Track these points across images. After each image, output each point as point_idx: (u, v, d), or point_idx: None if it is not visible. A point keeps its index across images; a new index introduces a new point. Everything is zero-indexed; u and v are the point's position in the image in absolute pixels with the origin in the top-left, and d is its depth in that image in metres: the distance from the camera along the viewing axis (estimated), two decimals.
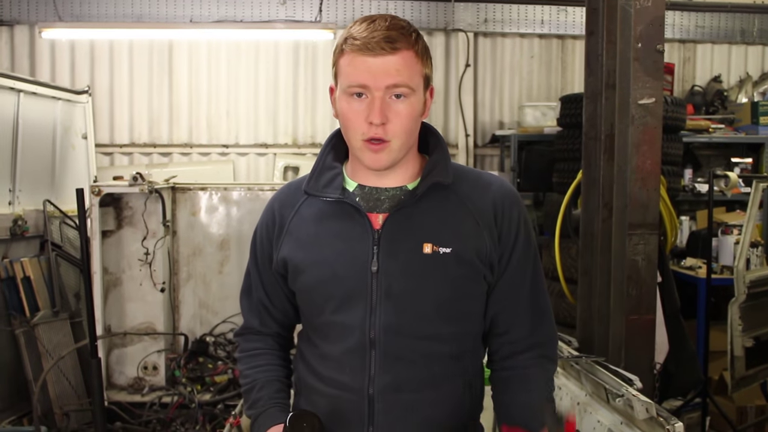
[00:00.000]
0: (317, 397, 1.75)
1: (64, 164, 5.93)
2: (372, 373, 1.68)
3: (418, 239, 1.66)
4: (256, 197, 5.09)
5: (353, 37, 1.60)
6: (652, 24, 3.41)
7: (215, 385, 4.76)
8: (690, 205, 6.53)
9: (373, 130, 1.60)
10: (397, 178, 1.72)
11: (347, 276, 1.67)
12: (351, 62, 1.61)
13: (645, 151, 3.42)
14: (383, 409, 1.69)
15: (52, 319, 4.99)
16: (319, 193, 1.72)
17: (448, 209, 1.70)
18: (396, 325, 1.67)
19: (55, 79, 6.58)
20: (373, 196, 1.71)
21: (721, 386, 5.11)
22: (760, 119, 6.38)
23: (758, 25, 7.25)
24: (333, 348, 1.71)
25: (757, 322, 4.54)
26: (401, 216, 1.68)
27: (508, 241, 1.73)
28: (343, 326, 1.69)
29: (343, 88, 1.64)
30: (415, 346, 1.68)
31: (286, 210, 1.77)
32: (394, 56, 1.58)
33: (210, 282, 5.09)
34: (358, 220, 1.68)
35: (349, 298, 1.68)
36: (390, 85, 1.59)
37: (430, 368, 1.70)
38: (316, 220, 1.72)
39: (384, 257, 1.66)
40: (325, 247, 1.69)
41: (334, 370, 1.71)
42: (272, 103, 6.88)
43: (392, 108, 1.60)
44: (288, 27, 6.54)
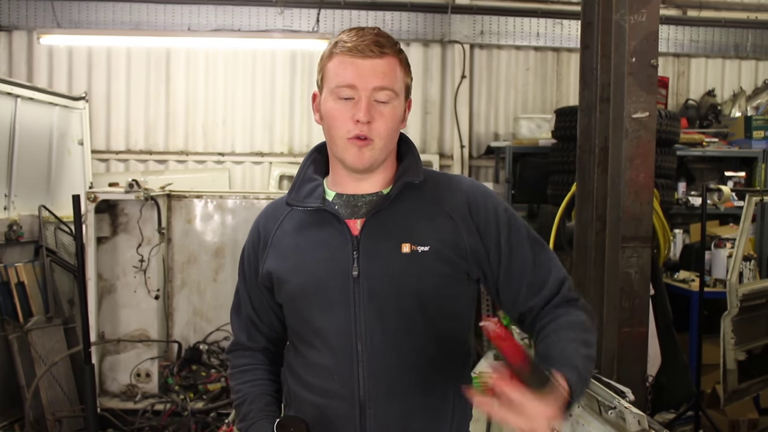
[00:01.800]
0: (307, 407, 1.76)
1: (59, 170, 5.93)
2: (361, 380, 1.69)
3: (396, 240, 1.69)
4: (251, 205, 5.10)
5: (343, 41, 1.67)
6: (646, 39, 3.44)
7: (208, 393, 4.75)
8: (683, 218, 6.57)
9: (358, 128, 1.64)
10: (374, 184, 1.75)
11: (329, 283, 1.70)
12: (340, 63, 1.67)
13: (638, 165, 3.45)
14: (375, 415, 1.69)
15: (45, 324, 4.99)
16: (300, 204, 1.76)
17: (422, 209, 1.73)
18: (381, 328, 1.68)
19: (53, 85, 6.59)
20: (350, 203, 1.74)
21: (713, 399, 5.12)
22: (753, 133, 6.43)
23: (752, 39, 7.31)
24: (320, 356, 1.73)
25: (749, 336, 4.56)
26: (378, 219, 1.70)
27: (490, 232, 1.73)
28: (328, 333, 1.71)
29: (331, 89, 1.68)
30: (401, 348, 1.69)
31: (269, 225, 1.81)
32: (381, 60, 1.66)
33: (204, 290, 5.09)
34: (337, 227, 1.71)
35: (332, 304, 1.70)
36: (377, 87, 1.65)
37: (418, 372, 1.71)
38: (297, 231, 1.76)
39: (364, 261, 1.68)
40: (306, 255, 1.73)
41: (323, 378, 1.72)
42: (269, 112, 6.90)
43: (377, 109, 1.66)
44: (285, 36, 6.57)
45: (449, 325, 1.76)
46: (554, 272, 1.75)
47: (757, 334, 4.64)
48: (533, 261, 1.74)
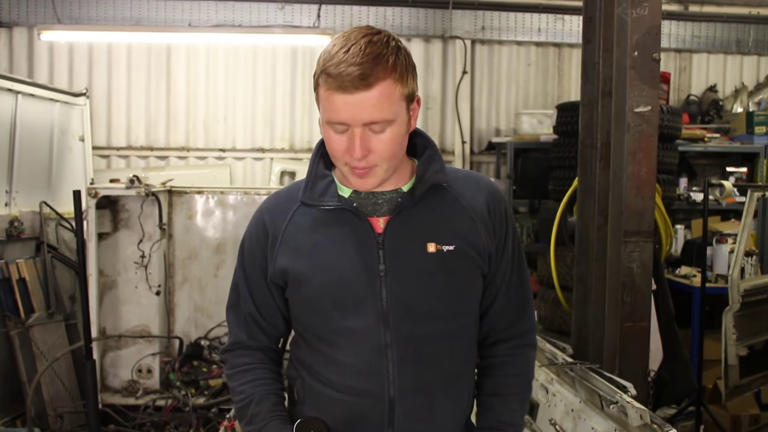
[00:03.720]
0: (329, 404, 1.73)
1: (60, 166, 5.93)
2: (391, 377, 1.68)
3: (422, 239, 1.68)
4: (252, 201, 5.09)
5: (328, 74, 1.55)
6: (648, 33, 3.43)
7: (209, 389, 4.75)
8: (685, 213, 6.56)
9: (355, 162, 1.60)
10: (391, 182, 1.72)
11: (355, 282, 1.67)
12: (328, 98, 1.57)
13: (640, 159, 3.43)
14: (404, 412, 1.69)
15: (46, 320, 4.99)
16: (317, 202, 1.71)
17: (445, 208, 1.72)
18: (410, 326, 1.67)
19: (53, 81, 6.59)
20: (370, 201, 1.71)
21: (715, 395, 5.12)
22: (755, 129, 6.42)
23: (754, 35, 7.30)
24: (345, 355, 1.70)
25: (751, 331, 4.55)
26: (402, 218, 1.69)
27: (501, 234, 1.77)
28: (354, 332, 1.68)
29: (324, 119, 1.61)
30: (429, 345, 1.70)
31: (277, 220, 1.75)
32: (369, 92, 1.54)
33: (205, 286, 5.09)
34: (359, 226, 1.69)
35: (358, 303, 1.67)
36: (367, 122, 1.57)
37: (446, 367, 1.73)
38: (314, 228, 1.71)
39: (390, 260, 1.67)
40: (328, 254, 1.69)
41: (350, 376, 1.70)
42: (269, 108, 6.89)
43: (373, 139, 1.59)
44: (286, 32, 6.56)
45: (468, 320, 1.78)
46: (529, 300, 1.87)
47: (759, 329, 4.63)
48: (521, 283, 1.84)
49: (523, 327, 1.86)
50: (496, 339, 1.85)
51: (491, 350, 1.85)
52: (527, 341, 1.87)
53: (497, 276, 1.79)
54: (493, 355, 1.85)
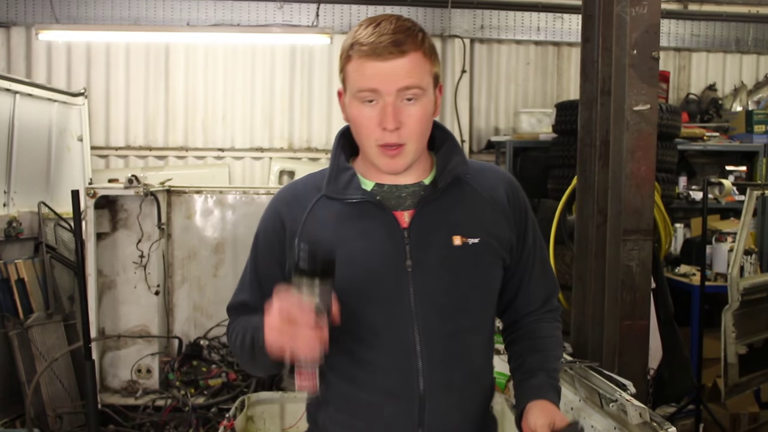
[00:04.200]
0: (357, 405, 1.70)
1: (59, 166, 5.92)
2: (420, 374, 1.65)
3: (447, 232, 1.67)
4: (251, 201, 5.09)
5: (360, 43, 1.57)
6: (647, 31, 3.42)
7: (209, 389, 4.74)
8: (684, 212, 6.56)
9: (387, 136, 1.58)
10: (413, 175, 1.70)
11: (382, 276, 1.65)
12: (359, 68, 1.58)
13: (640, 157, 3.43)
14: (434, 409, 1.66)
15: (45, 321, 4.98)
16: (341, 195, 1.68)
17: (468, 200, 1.72)
18: (438, 321, 1.65)
19: (52, 81, 6.58)
20: (394, 194, 1.69)
21: (714, 393, 5.13)
22: (754, 128, 6.42)
23: (753, 34, 7.30)
24: (373, 353, 1.67)
25: (750, 330, 4.55)
26: (427, 211, 1.67)
27: (521, 224, 1.77)
28: (382, 328, 1.65)
29: (353, 94, 1.60)
30: (458, 340, 1.68)
31: (296, 213, 1.71)
32: (402, 59, 1.56)
33: (204, 285, 5.08)
34: (384, 219, 1.66)
35: (386, 299, 1.65)
36: (401, 88, 1.57)
37: (473, 361, 1.72)
38: (337, 222, 1.68)
39: (417, 254, 1.65)
40: (353, 248, 1.64)
41: (378, 375, 1.67)
42: (268, 107, 6.89)
43: (405, 111, 1.58)
44: (285, 31, 6.55)
45: (491, 313, 1.78)
46: (553, 283, 1.90)
47: (758, 327, 4.64)
48: (544, 268, 1.85)
49: (549, 307, 1.87)
50: (523, 317, 1.86)
51: (519, 324, 1.86)
52: (554, 317, 1.88)
53: (520, 266, 1.79)
54: (523, 326, 1.85)
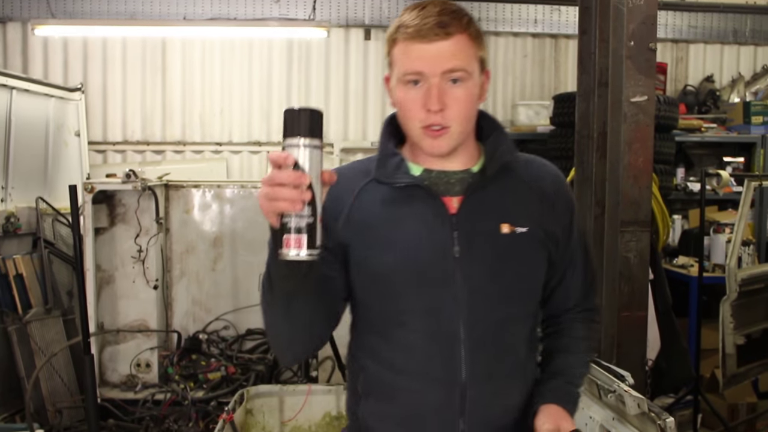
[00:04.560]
0: (397, 394, 1.68)
1: (56, 162, 5.92)
2: (463, 362, 1.63)
3: (496, 220, 1.66)
4: (249, 195, 5.09)
5: (405, 25, 1.58)
6: (644, 22, 3.42)
7: (208, 383, 4.75)
8: (682, 204, 6.56)
9: (431, 117, 1.58)
10: (461, 162, 1.70)
11: (428, 261, 1.63)
12: (405, 50, 1.59)
13: (637, 149, 3.44)
14: (475, 398, 1.65)
15: (44, 316, 4.99)
16: (390, 180, 1.67)
17: (516, 189, 1.71)
18: (483, 309, 1.64)
19: (48, 76, 6.56)
20: (442, 180, 1.68)
21: (712, 384, 5.14)
22: (751, 119, 6.42)
23: (750, 25, 7.29)
24: (415, 338, 1.65)
25: (748, 320, 4.56)
26: (475, 198, 1.66)
27: (566, 217, 1.77)
28: (426, 314, 1.64)
29: (399, 77, 1.61)
30: (501, 329, 1.67)
31: (344, 195, 1.67)
32: (447, 41, 1.56)
33: (203, 279, 5.09)
34: (432, 204, 1.65)
35: (431, 284, 1.63)
36: (446, 70, 1.57)
37: (515, 352, 1.71)
38: (385, 205, 1.67)
39: (464, 240, 1.63)
40: (400, 231, 1.64)
41: (420, 361, 1.65)
42: (266, 101, 6.88)
43: (449, 93, 1.58)
44: (282, 25, 6.53)
45: (535, 305, 1.77)
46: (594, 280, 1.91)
47: (756, 318, 4.64)
48: (585, 264, 1.85)
49: (587, 305, 1.88)
50: (560, 314, 1.86)
51: (555, 320, 1.87)
52: (591, 316, 1.89)
53: (564, 259, 1.78)
54: (558, 323, 1.86)
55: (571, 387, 1.78)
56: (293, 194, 1.30)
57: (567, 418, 1.69)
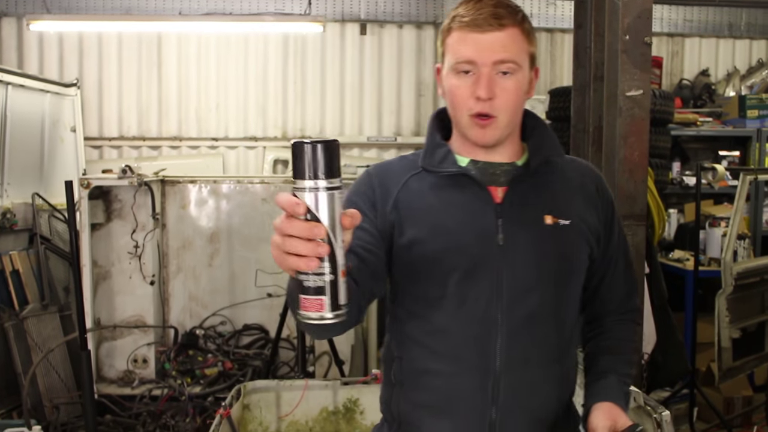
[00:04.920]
0: (430, 380, 1.69)
1: (52, 157, 5.91)
2: (498, 348, 1.65)
3: (539, 211, 1.68)
4: (245, 190, 5.09)
5: (461, 15, 1.63)
6: (639, 16, 3.43)
7: (205, 378, 4.76)
8: (678, 198, 6.57)
9: (480, 105, 1.61)
10: (506, 154, 1.72)
11: (473, 247, 1.65)
12: (459, 39, 1.62)
13: (633, 143, 3.44)
14: (509, 387, 1.66)
15: (41, 312, 4.98)
16: (436, 168, 1.71)
17: (560, 184, 1.74)
18: (523, 298, 1.65)
19: (44, 71, 6.56)
20: (488, 171, 1.71)
21: (708, 377, 5.15)
22: (747, 113, 6.42)
23: (746, 18, 7.29)
24: (453, 322, 1.66)
25: (743, 314, 4.58)
26: (520, 189, 1.69)
27: (609, 218, 1.79)
28: (466, 299, 1.65)
29: (451, 65, 1.64)
30: (539, 320, 1.67)
31: (390, 183, 1.72)
32: (501, 32, 1.60)
33: (200, 275, 5.09)
34: (479, 193, 1.68)
35: (474, 269, 1.65)
36: (497, 61, 1.60)
37: (553, 343, 1.71)
38: (432, 191, 1.70)
39: (508, 230, 1.65)
40: (446, 217, 1.67)
41: (456, 346, 1.66)
42: (262, 97, 6.87)
43: (499, 84, 1.61)
44: (277, 20, 6.52)
45: (576, 299, 1.78)
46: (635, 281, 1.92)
47: (752, 311, 4.66)
48: (627, 264, 1.87)
49: (629, 306, 1.89)
50: (603, 315, 1.88)
51: (598, 323, 1.88)
52: (632, 317, 1.90)
53: (605, 258, 1.80)
54: (601, 325, 1.87)
55: (623, 385, 1.79)
56: (306, 248, 1.13)
57: (622, 414, 1.71)
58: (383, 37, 6.93)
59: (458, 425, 1.69)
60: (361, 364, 5.12)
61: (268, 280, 4.96)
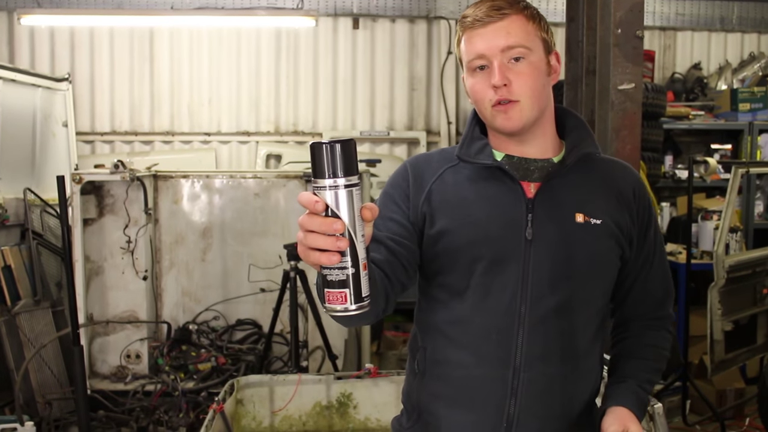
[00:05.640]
0: (452, 370, 1.71)
1: (44, 152, 5.88)
2: (520, 341, 1.66)
3: (571, 209, 1.69)
4: (238, 185, 5.08)
5: (465, 17, 1.68)
6: (631, 10, 3.43)
7: (198, 373, 4.75)
8: (670, 191, 6.60)
9: (498, 93, 1.64)
10: (540, 150, 1.74)
11: (501, 239, 1.67)
12: (467, 40, 1.68)
13: (625, 136, 3.45)
14: (529, 381, 1.66)
15: (33, 308, 4.97)
16: (472, 159, 1.73)
17: (595, 183, 1.74)
18: (549, 293, 1.66)
19: (35, 66, 6.53)
20: (522, 166, 1.72)
21: (701, 370, 5.18)
22: (739, 106, 6.44)
23: (737, 12, 7.30)
24: (477, 312, 1.68)
25: (736, 307, 4.60)
26: (553, 185, 1.70)
27: (643, 222, 1.79)
28: (491, 290, 1.67)
29: (467, 67, 1.70)
30: (563, 315, 1.68)
31: (426, 174, 1.75)
32: (503, 21, 1.64)
33: (193, 270, 5.08)
34: (511, 187, 1.69)
35: (501, 261, 1.66)
36: (504, 48, 1.64)
37: (576, 340, 1.71)
38: (465, 183, 1.72)
39: (538, 224, 1.67)
40: (476, 209, 1.69)
41: (477, 336, 1.68)
42: (254, 91, 6.86)
43: (512, 70, 1.64)
44: (270, 14, 6.51)
45: (602, 299, 1.77)
46: (670, 288, 1.91)
47: (744, 304, 4.69)
48: (662, 270, 1.86)
49: (661, 313, 1.89)
50: (633, 319, 1.88)
51: (627, 326, 1.88)
52: (664, 325, 1.89)
53: (638, 263, 1.80)
54: (629, 329, 1.88)
55: (640, 391, 1.79)
56: (327, 243, 1.18)
57: (635, 420, 1.72)
58: (376, 31, 6.92)
59: (476, 418, 1.70)
60: (354, 358, 5.13)
61: (261, 275, 4.95)
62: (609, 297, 1.80)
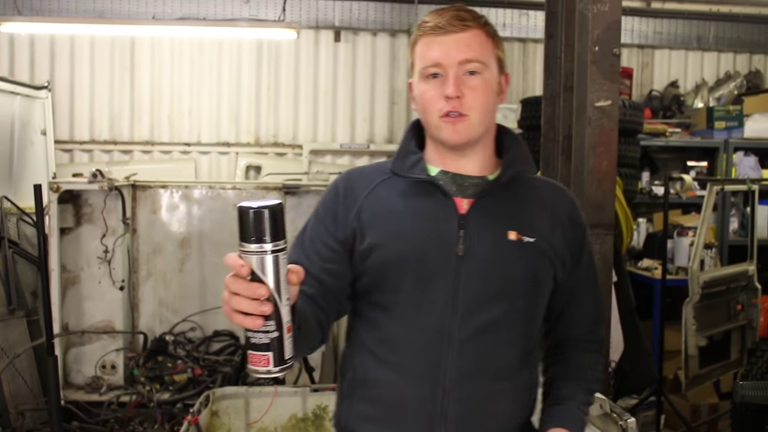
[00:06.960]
0: (380, 390, 1.68)
1: (22, 160, 5.84)
2: (449, 359, 1.63)
3: (504, 226, 1.67)
4: (217, 196, 5.07)
5: (425, 22, 1.66)
6: (609, 28, 3.47)
7: (174, 384, 4.73)
8: (647, 207, 6.65)
9: (449, 104, 1.62)
10: (477, 167, 1.72)
11: (431, 255, 1.64)
12: (424, 45, 1.65)
13: (601, 153, 3.48)
14: (459, 399, 1.64)
15: (7, 317, 4.91)
16: (406, 173, 1.70)
17: (529, 202, 1.73)
18: (478, 311, 1.64)
19: (14, 74, 6.49)
20: (457, 182, 1.70)
21: (675, 385, 5.21)
22: (714, 124, 6.52)
23: (714, 31, 7.42)
24: (405, 330, 1.65)
25: (710, 322, 4.63)
26: (486, 202, 1.68)
27: (578, 245, 1.78)
28: (420, 307, 1.64)
29: (419, 72, 1.67)
30: (494, 333, 1.65)
31: (358, 190, 1.72)
32: (465, 33, 1.63)
33: (170, 280, 5.05)
34: (444, 202, 1.67)
35: (431, 277, 1.63)
36: (462, 60, 1.62)
37: (507, 358, 1.68)
38: (397, 198, 1.69)
39: (470, 241, 1.64)
40: (406, 223, 1.66)
41: (405, 354, 1.65)
42: (235, 102, 6.86)
43: (467, 84, 1.63)
44: (251, 26, 6.53)
45: (535, 319, 1.75)
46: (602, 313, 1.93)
47: (718, 320, 4.72)
48: (594, 296, 1.87)
49: (594, 337, 1.89)
50: (566, 341, 1.87)
51: (561, 348, 1.87)
52: (596, 348, 1.90)
53: (570, 286, 1.79)
54: (564, 351, 1.86)
55: (579, 413, 1.78)
56: (250, 307, 1.21)
57: None
58: (357, 44, 6.95)
59: None
60: (331, 371, 5.11)
61: None
62: (542, 316, 1.78)
